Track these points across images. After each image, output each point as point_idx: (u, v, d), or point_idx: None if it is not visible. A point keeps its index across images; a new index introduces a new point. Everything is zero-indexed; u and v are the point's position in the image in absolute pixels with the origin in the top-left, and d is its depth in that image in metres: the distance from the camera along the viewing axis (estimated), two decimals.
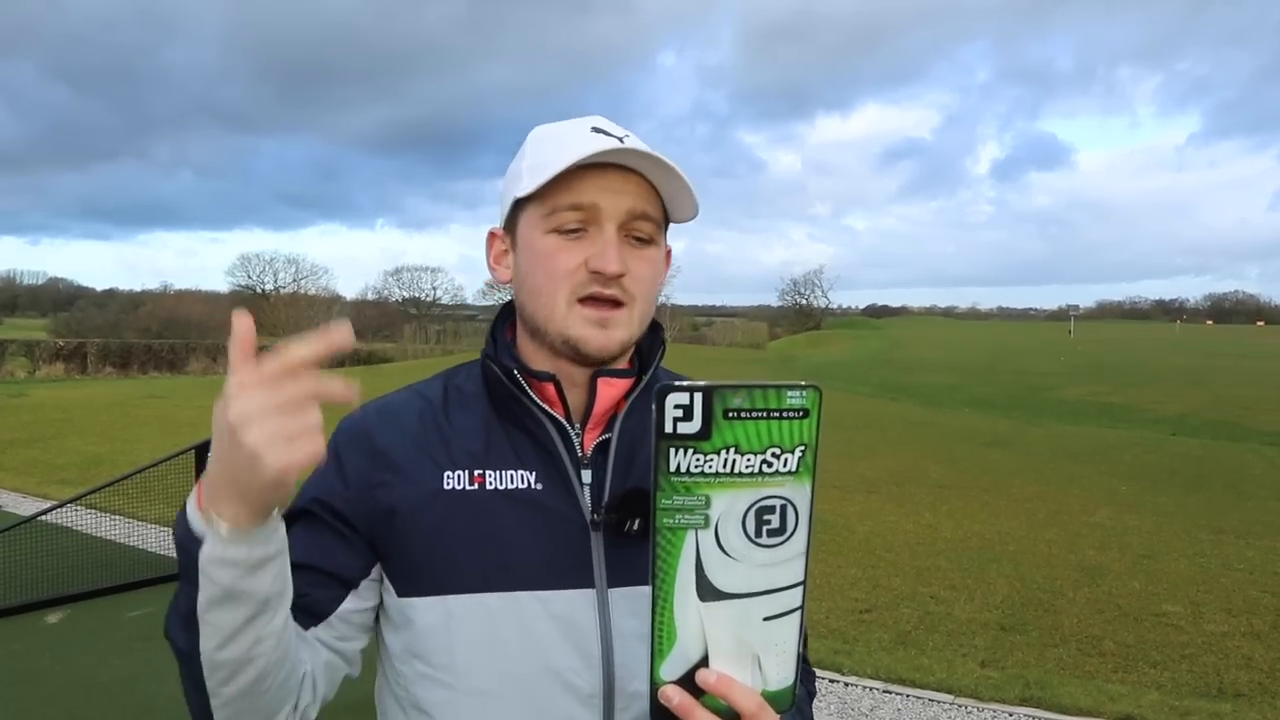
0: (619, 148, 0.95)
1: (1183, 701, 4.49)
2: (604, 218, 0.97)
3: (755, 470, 0.69)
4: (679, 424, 0.67)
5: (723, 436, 0.67)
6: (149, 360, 36.27)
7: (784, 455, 0.70)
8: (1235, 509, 9.15)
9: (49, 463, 11.06)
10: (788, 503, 0.71)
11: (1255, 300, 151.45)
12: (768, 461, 0.69)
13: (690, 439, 0.67)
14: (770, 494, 0.70)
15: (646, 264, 1.01)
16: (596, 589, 0.99)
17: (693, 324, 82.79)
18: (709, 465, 0.68)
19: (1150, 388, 22.60)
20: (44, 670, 4.70)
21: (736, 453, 0.68)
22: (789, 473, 0.70)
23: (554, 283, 0.98)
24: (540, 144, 1.02)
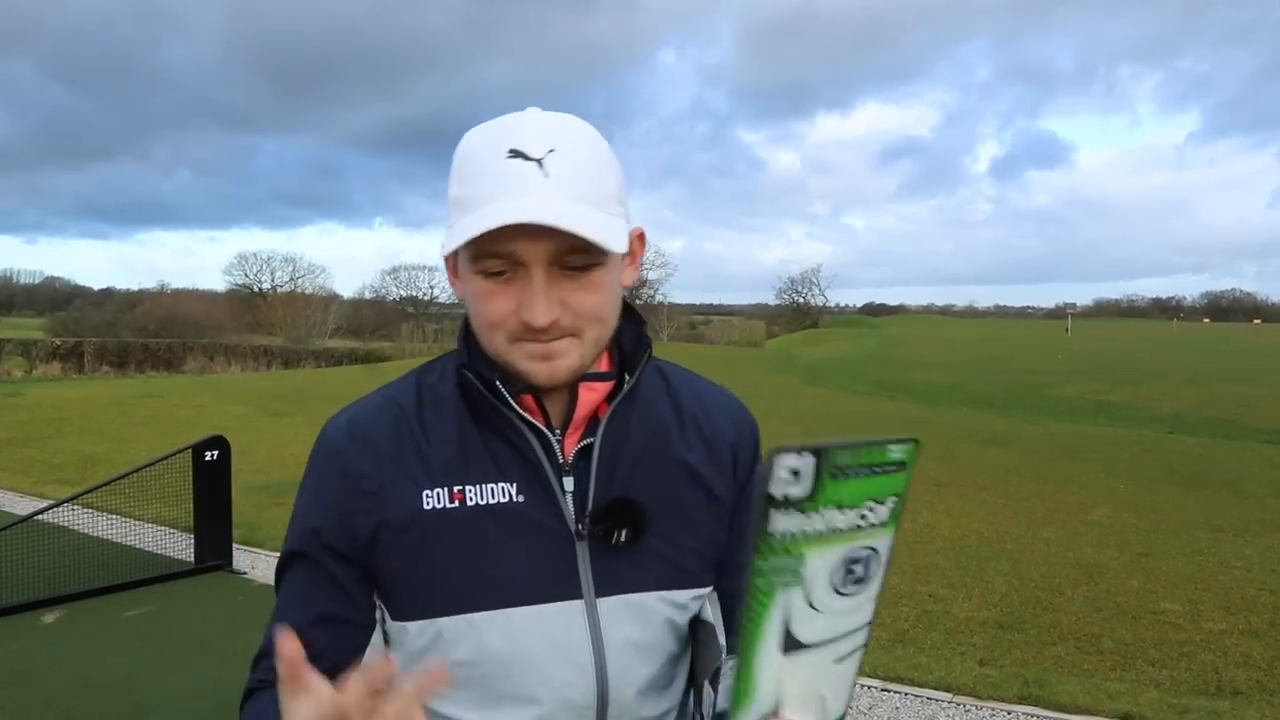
0: (513, 220, 0.86)
1: (1181, 699, 4.49)
2: (528, 261, 0.90)
3: (851, 526, 0.68)
4: (787, 487, 0.65)
5: (825, 495, 0.66)
6: (146, 359, 36.25)
7: (878, 508, 0.69)
8: (1233, 507, 9.15)
9: (46, 462, 11.04)
10: (874, 552, 0.71)
11: (1252, 298, 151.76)
12: (863, 515, 0.68)
13: (795, 501, 0.65)
14: (861, 545, 0.70)
15: (589, 290, 0.93)
16: (585, 600, 0.97)
17: (690, 322, 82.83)
18: (810, 525, 0.66)
19: (1148, 386, 22.64)
20: (41, 670, 4.69)
21: (837, 510, 0.67)
22: (880, 524, 0.69)
23: (490, 327, 0.95)
24: (463, 169, 0.94)
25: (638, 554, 0.99)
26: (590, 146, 0.94)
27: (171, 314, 51.97)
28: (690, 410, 1.09)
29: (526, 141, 0.91)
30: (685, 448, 1.06)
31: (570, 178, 0.90)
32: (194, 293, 68.17)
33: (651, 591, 1.00)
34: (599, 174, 0.93)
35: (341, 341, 51.67)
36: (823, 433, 14.50)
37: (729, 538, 1.08)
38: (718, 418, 1.11)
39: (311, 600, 0.99)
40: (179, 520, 6.89)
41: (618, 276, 0.98)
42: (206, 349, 39.03)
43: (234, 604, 5.82)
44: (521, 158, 0.90)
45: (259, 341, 46.24)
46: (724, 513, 1.07)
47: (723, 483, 1.08)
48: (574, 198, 0.89)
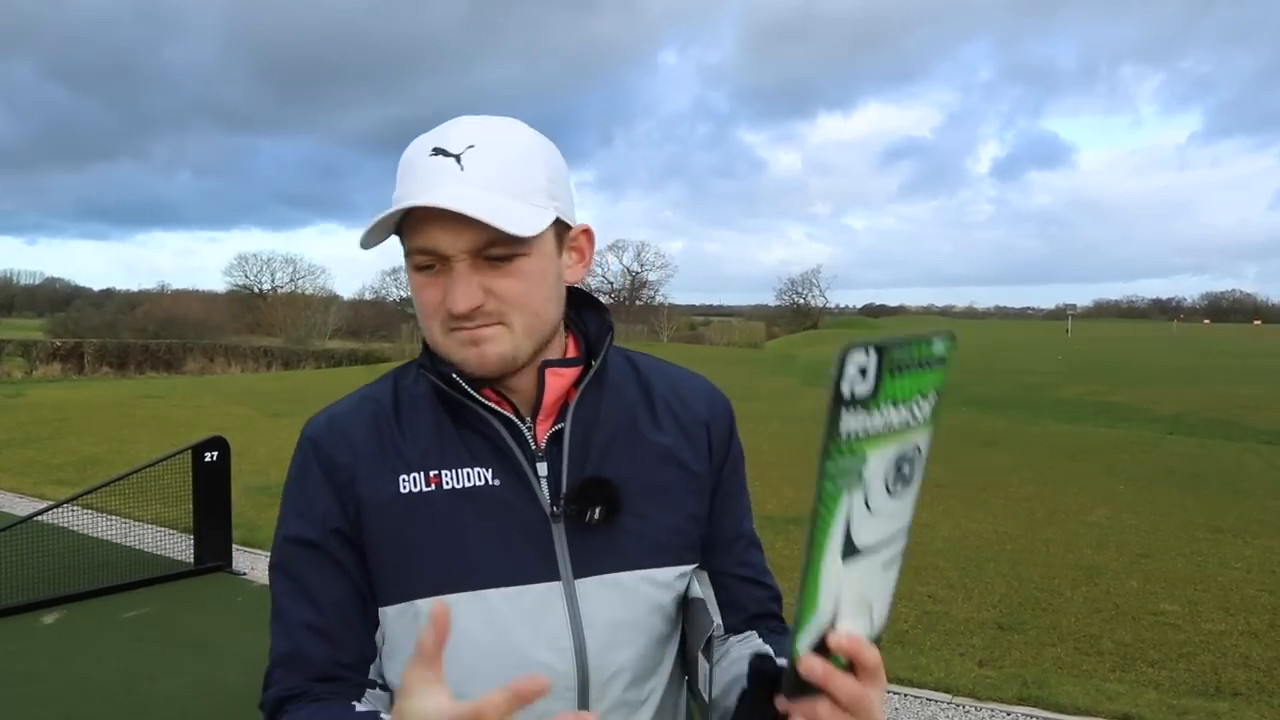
0: (423, 203, 0.91)
1: (1180, 700, 4.49)
2: (448, 253, 0.95)
3: (904, 422, 0.68)
4: (855, 385, 0.64)
5: (885, 393, 0.66)
6: (146, 360, 36.25)
7: (924, 403, 0.69)
8: (1233, 508, 9.15)
9: (46, 463, 11.04)
10: (919, 450, 0.71)
11: (1252, 299, 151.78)
12: (913, 411, 0.69)
13: (862, 399, 0.65)
14: (911, 443, 0.70)
15: (512, 279, 0.96)
16: (563, 581, 0.98)
17: (690, 323, 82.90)
18: (871, 423, 0.67)
19: (1148, 387, 22.63)
20: (41, 671, 4.69)
21: (893, 406, 0.67)
22: (925, 421, 0.70)
23: (426, 317, 0.99)
24: (400, 173, 0.99)
25: (615, 534, 1.01)
26: (516, 143, 0.98)
27: (171, 315, 51.96)
28: (661, 394, 1.11)
29: (449, 140, 0.96)
30: (657, 430, 1.08)
31: (487, 171, 0.94)
32: (194, 294, 68.17)
33: (631, 570, 1.01)
34: (522, 167, 0.97)
35: (341, 342, 51.67)
36: None
37: (711, 515, 1.10)
38: (689, 399, 1.13)
39: (322, 590, 1.00)
40: (179, 521, 6.89)
41: (548, 267, 1.00)
42: (206, 350, 39.03)
43: (234, 605, 5.83)
44: (442, 154, 0.95)
45: (259, 342, 46.25)
46: (704, 490, 1.09)
47: (698, 459, 1.09)
48: (489, 189, 0.93)
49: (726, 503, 1.12)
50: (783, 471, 10.64)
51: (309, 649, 0.99)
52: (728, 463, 1.13)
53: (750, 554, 1.15)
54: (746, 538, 1.15)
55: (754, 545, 1.17)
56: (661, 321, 67.25)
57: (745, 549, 1.14)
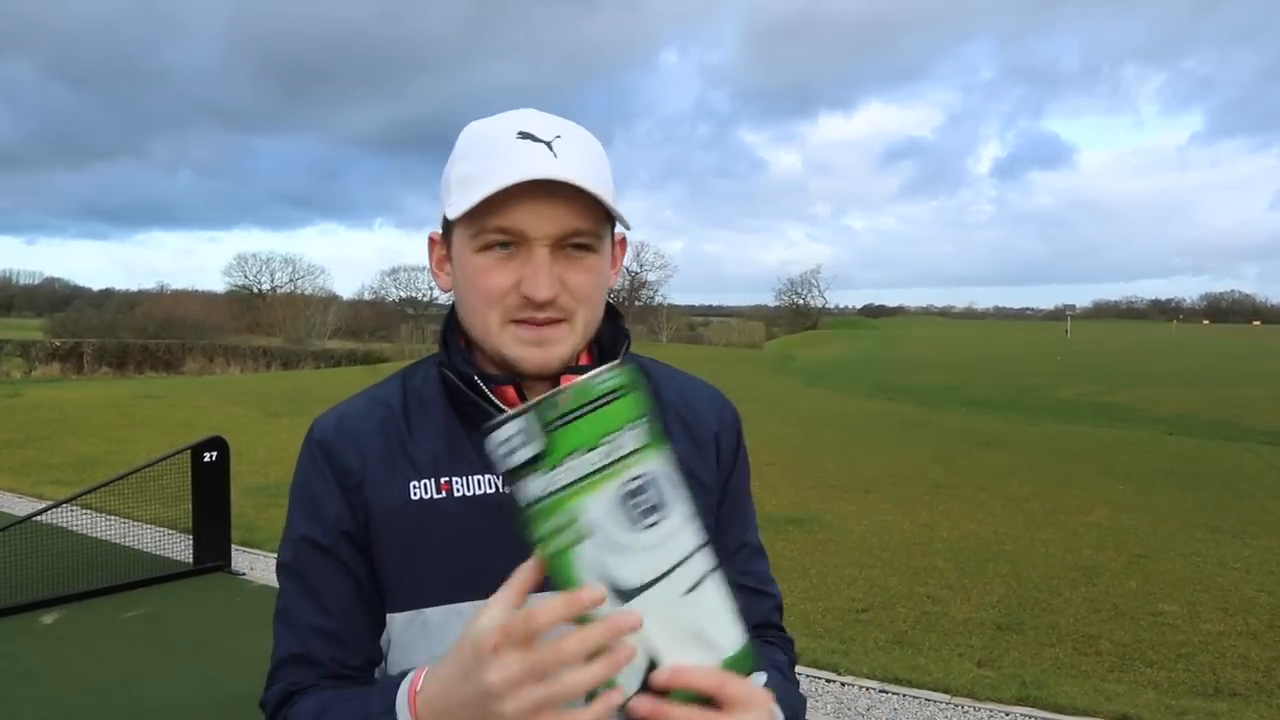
0: (542, 173, 0.90)
1: (1179, 701, 4.49)
2: (533, 240, 0.93)
3: (600, 465, 0.68)
4: (516, 455, 0.66)
5: (558, 448, 0.67)
6: (145, 360, 36.21)
7: (619, 438, 0.69)
8: (1232, 508, 9.16)
9: (44, 463, 11.04)
10: (651, 477, 0.70)
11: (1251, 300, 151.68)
12: (607, 452, 0.68)
13: (532, 464, 0.67)
14: (629, 478, 0.69)
15: (585, 273, 0.96)
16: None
17: (689, 324, 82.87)
18: (559, 479, 0.67)
19: (1147, 387, 22.63)
20: (39, 671, 4.69)
21: (578, 456, 0.67)
22: (635, 450, 0.70)
23: (486, 304, 0.96)
24: (469, 151, 0.98)
25: None
26: (591, 140, 0.99)
27: (171, 315, 51.88)
28: (671, 401, 1.11)
29: (534, 127, 0.95)
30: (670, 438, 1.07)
31: (579, 161, 0.94)
32: (193, 294, 68.07)
33: None
34: (601, 164, 0.98)
35: (341, 342, 51.62)
36: (824, 435, 14.50)
37: (717, 525, 1.09)
38: (699, 408, 1.13)
39: (331, 593, 0.99)
40: (178, 521, 6.89)
41: (606, 268, 1.01)
42: (206, 350, 38.99)
43: (233, 605, 5.82)
44: (531, 139, 0.94)
45: (258, 342, 46.22)
46: (712, 501, 1.09)
47: (709, 471, 1.09)
48: (581, 175, 0.93)
49: (732, 512, 1.12)
50: (781, 472, 10.65)
51: (317, 650, 0.98)
52: (734, 474, 1.13)
53: (753, 562, 1.15)
54: (750, 546, 1.15)
55: (757, 553, 1.16)
56: (661, 322, 67.20)
57: (749, 558, 1.14)
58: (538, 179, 0.90)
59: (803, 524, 8.04)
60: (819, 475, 10.68)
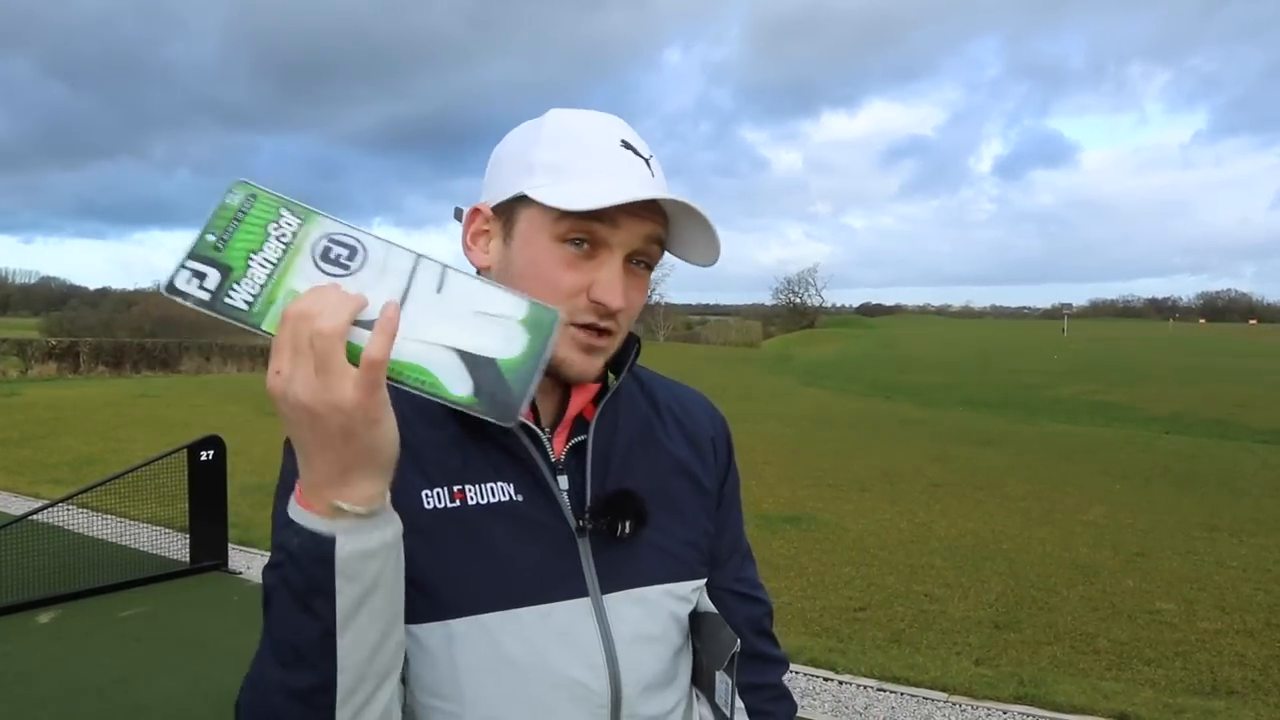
0: (658, 197, 0.91)
1: (1176, 699, 4.50)
2: (615, 245, 0.93)
3: (283, 246, 0.73)
4: (205, 284, 0.71)
5: (236, 256, 0.72)
6: (142, 359, 36.14)
7: (280, 223, 0.74)
8: (1228, 507, 9.17)
9: (41, 462, 11.02)
10: (327, 235, 0.74)
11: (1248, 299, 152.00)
12: (279, 235, 0.73)
13: (224, 282, 0.71)
14: (312, 244, 0.74)
15: (641, 292, 0.99)
16: (591, 597, 0.97)
17: (686, 323, 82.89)
18: (257, 277, 0.72)
19: (1143, 386, 22.66)
20: (35, 671, 4.68)
21: (257, 253, 0.72)
22: (300, 224, 0.74)
23: (553, 298, 0.92)
24: (562, 140, 0.96)
25: (637, 548, 1.00)
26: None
27: (167, 314, 51.71)
28: (668, 406, 1.12)
29: (633, 139, 0.98)
30: (671, 442, 1.09)
31: (666, 184, 0.97)
32: None
33: (655, 585, 1.01)
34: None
35: None
36: (821, 434, 14.50)
37: (715, 530, 1.11)
38: (695, 413, 1.14)
39: None
40: (174, 520, 6.88)
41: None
42: (202, 349, 38.93)
43: (229, 604, 5.81)
44: (632, 151, 0.97)
45: (255, 342, 46.14)
46: (711, 505, 1.10)
47: (708, 475, 1.11)
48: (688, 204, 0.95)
49: (727, 518, 1.13)
50: (778, 471, 10.65)
51: None
52: (728, 479, 1.14)
53: (745, 568, 1.16)
54: (741, 552, 1.16)
55: (747, 559, 1.17)
56: (658, 321, 67.20)
57: (740, 564, 1.15)
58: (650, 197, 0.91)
59: (800, 523, 8.04)
60: (816, 474, 10.68)
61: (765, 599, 1.18)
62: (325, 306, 0.69)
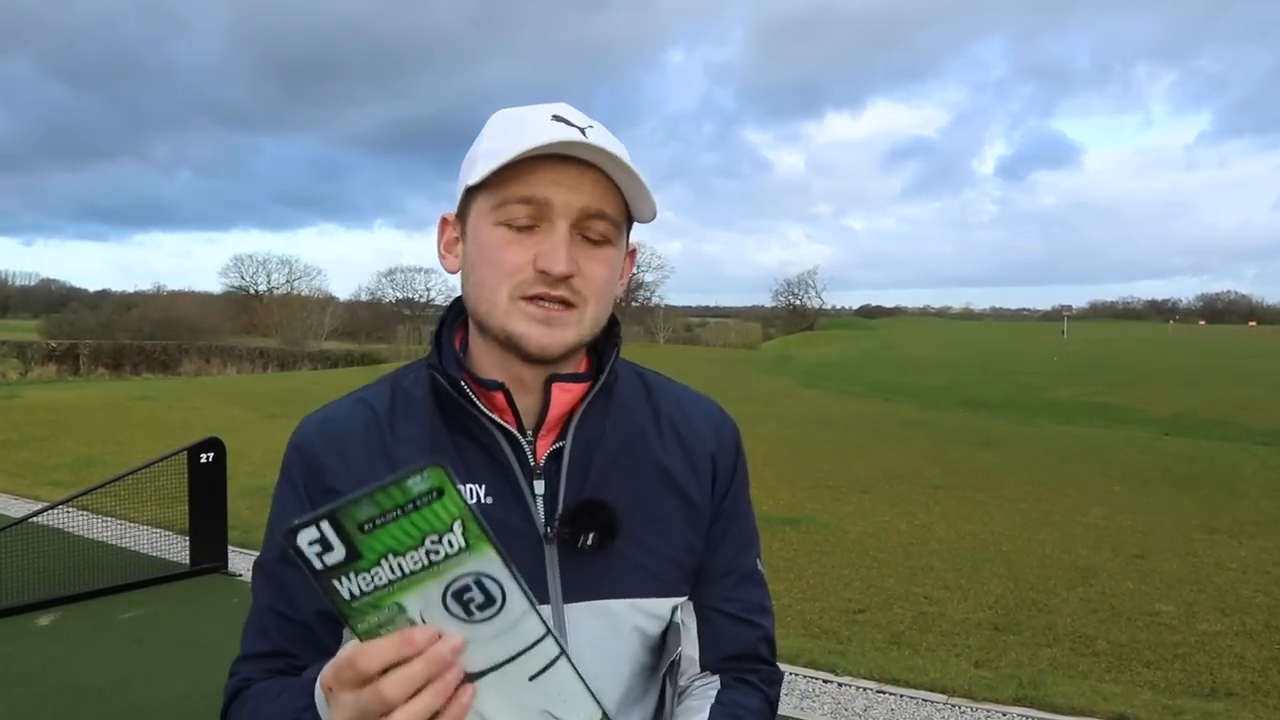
0: (575, 140, 0.90)
1: (1176, 701, 4.50)
2: (556, 214, 0.92)
3: (425, 564, 0.66)
4: (325, 558, 0.64)
5: (372, 549, 0.64)
6: (141, 361, 36.18)
7: (444, 537, 0.66)
8: (1228, 509, 9.17)
9: (41, 464, 11.02)
10: (479, 577, 0.68)
11: (1248, 300, 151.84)
12: (432, 551, 0.66)
13: (344, 565, 0.64)
14: (455, 576, 0.67)
15: (600, 264, 0.95)
16: (552, 605, 0.95)
17: (686, 325, 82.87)
18: (379, 578, 0.65)
19: (1143, 388, 22.67)
20: (36, 672, 4.68)
21: (396, 556, 0.65)
22: (460, 551, 0.67)
23: (498, 277, 0.94)
24: (500, 129, 0.96)
25: (609, 559, 0.97)
26: (619, 141, 0.98)
27: (167, 316, 51.86)
28: (669, 415, 1.08)
29: (568, 114, 0.96)
30: (663, 452, 1.05)
31: (611, 149, 0.92)
32: (190, 295, 68.07)
33: (622, 599, 0.97)
34: (627, 158, 0.97)
35: (338, 343, 51.65)
36: (821, 435, 14.50)
37: (706, 547, 1.06)
38: (698, 424, 1.09)
39: (302, 596, 0.96)
40: (174, 522, 6.88)
41: (618, 267, 1.00)
42: (202, 351, 38.96)
43: (229, 606, 5.81)
44: (565, 123, 0.94)
45: (255, 343, 46.18)
46: (702, 521, 1.05)
47: (701, 491, 1.06)
48: (614, 154, 0.93)
49: (724, 533, 1.08)
50: (778, 473, 10.66)
51: (278, 648, 0.97)
52: (729, 495, 1.09)
53: (743, 590, 1.08)
54: (739, 572, 1.09)
55: (749, 580, 1.10)
56: (658, 323, 67.21)
57: (737, 584, 1.08)
58: (569, 152, 0.91)
59: (799, 524, 8.04)
60: (815, 476, 10.69)
61: (763, 624, 1.10)
62: (421, 699, 0.67)
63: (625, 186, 0.95)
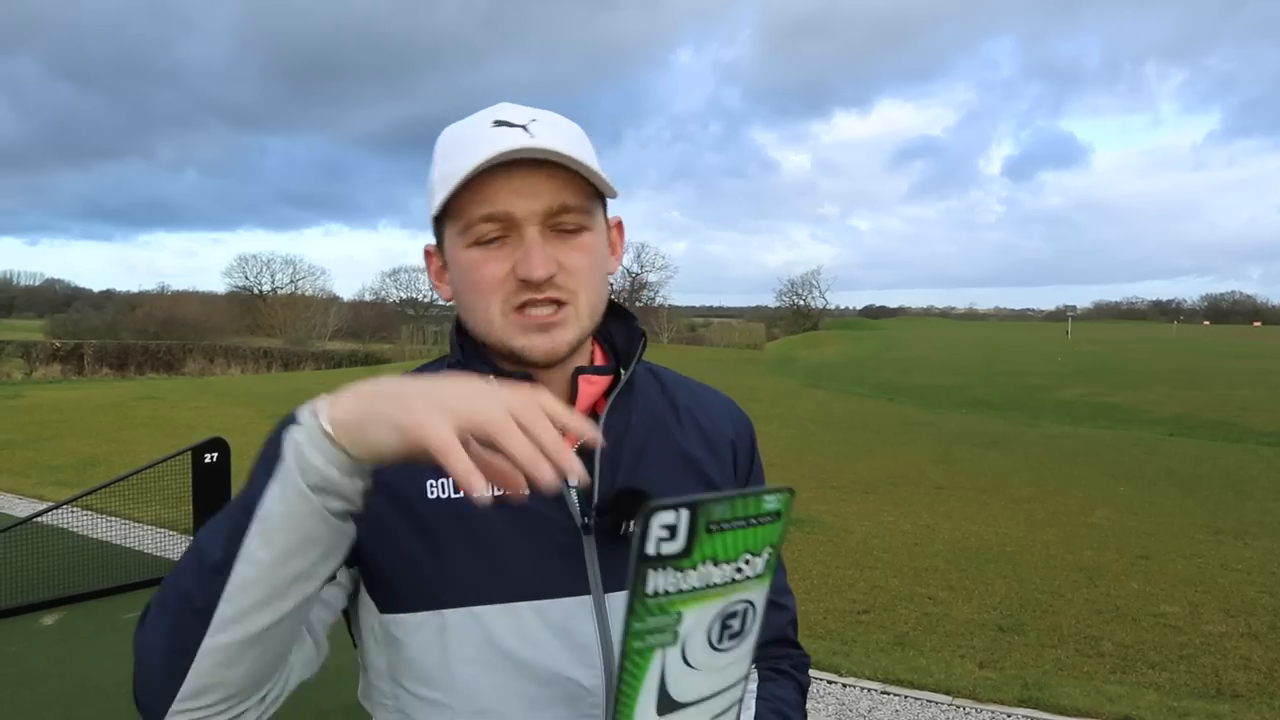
0: (519, 146, 0.89)
1: (1181, 702, 4.49)
2: (521, 222, 0.92)
3: (728, 580, 0.66)
4: (662, 544, 0.63)
5: (702, 551, 0.64)
6: (146, 361, 36.25)
7: (754, 560, 0.67)
8: (1233, 509, 9.15)
9: (45, 464, 11.04)
10: (750, 605, 0.69)
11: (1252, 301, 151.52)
12: (739, 569, 0.66)
13: (671, 558, 0.63)
14: (737, 599, 0.67)
15: (581, 252, 0.95)
16: (593, 595, 0.95)
17: (690, 325, 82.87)
18: (686, 582, 0.65)
19: (1148, 388, 22.62)
20: (40, 672, 4.69)
21: (713, 564, 0.65)
22: (756, 576, 0.67)
23: (484, 297, 0.94)
24: (447, 151, 0.96)
25: None
26: (567, 123, 0.98)
27: (172, 316, 51.95)
28: (686, 405, 1.10)
29: (509, 114, 0.95)
30: (685, 439, 1.07)
31: (556, 138, 0.93)
32: (194, 295, 68.24)
33: None
34: (579, 142, 0.96)
35: (341, 344, 51.67)
36: (824, 436, 14.49)
37: None
38: (715, 414, 1.12)
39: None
40: (179, 522, 6.89)
41: (603, 248, 1.00)
42: (206, 351, 39.03)
43: None
44: (507, 125, 0.93)
45: (259, 343, 46.25)
46: None
47: (724, 476, 1.08)
48: (560, 150, 0.92)
49: None
50: (782, 473, 10.64)
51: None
52: (750, 483, 1.11)
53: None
54: None
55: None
56: (662, 323, 67.18)
57: None
58: (515, 158, 0.90)
59: (803, 525, 8.03)
60: (819, 476, 10.68)
61: (790, 605, 1.15)
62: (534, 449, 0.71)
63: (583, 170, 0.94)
